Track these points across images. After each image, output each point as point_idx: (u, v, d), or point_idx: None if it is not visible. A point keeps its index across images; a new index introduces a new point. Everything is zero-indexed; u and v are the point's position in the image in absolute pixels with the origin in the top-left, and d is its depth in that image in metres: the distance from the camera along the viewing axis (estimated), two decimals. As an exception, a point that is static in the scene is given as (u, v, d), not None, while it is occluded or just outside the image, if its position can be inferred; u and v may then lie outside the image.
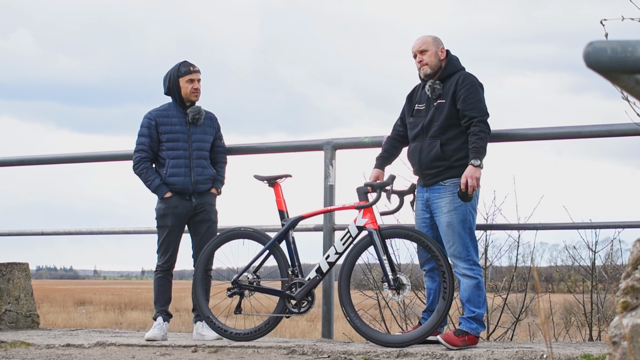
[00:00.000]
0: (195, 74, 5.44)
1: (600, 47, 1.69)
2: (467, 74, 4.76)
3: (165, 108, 5.50)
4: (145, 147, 5.43)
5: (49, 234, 6.88)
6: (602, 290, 7.37)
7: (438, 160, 4.71)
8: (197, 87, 5.44)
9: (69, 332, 6.15)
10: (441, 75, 4.80)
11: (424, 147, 4.78)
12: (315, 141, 5.79)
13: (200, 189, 5.42)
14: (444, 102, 4.72)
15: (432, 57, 4.80)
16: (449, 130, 4.71)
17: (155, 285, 5.47)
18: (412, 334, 4.77)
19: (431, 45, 4.82)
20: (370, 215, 4.82)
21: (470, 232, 4.69)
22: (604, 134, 5.02)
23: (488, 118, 4.68)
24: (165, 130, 5.42)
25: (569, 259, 7.65)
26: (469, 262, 4.65)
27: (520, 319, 7.27)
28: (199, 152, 5.43)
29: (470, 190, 4.54)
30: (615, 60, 1.69)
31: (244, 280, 5.12)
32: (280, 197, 5.18)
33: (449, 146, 4.70)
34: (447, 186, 4.71)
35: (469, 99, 4.65)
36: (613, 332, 2.04)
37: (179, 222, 5.40)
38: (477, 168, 4.55)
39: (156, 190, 5.39)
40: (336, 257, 4.93)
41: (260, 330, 5.04)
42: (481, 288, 4.66)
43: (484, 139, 4.61)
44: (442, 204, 4.70)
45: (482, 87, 4.76)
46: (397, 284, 4.73)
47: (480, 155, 4.57)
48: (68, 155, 6.91)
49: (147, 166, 5.43)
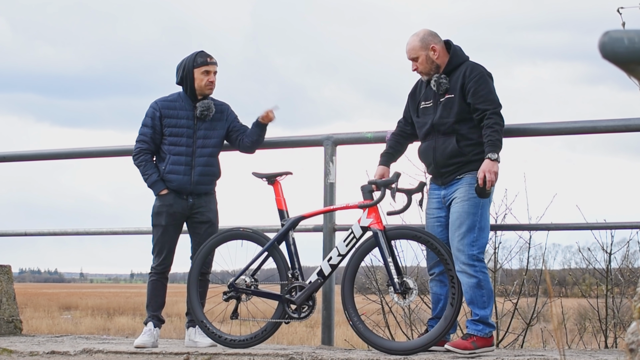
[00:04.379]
0: (212, 66, 5.39)
1: (617, 37, 1.69)
2: (474, 65, 4.76)
3: (173, 99, 5.45)
4: (146, 139, 5.40)
5: (32, 234, 6.88)
6: (618, 294, 7.38)
7: (455, 157, 4.70)
8: (212, 80, 5.39)
9: (53, 338, 6.15)
10: (446, 68, 4.79)
11: (437, 145, 4.76)
12: (314, 136, 5.79)
13: (200, 189, 5.37)
14: (453, 97, 4.72)
15: (424, 63, 4.80)
16: (462, 124, 4.71)
17: (149, 289, 5.46)
18: (418, 341, 4.77)
19: (420, 50, 4.80)
20: (375, 215, 4.81)
21: (479, 225, 4.65)
22: (621, 129, 5.03)
23: (501, 109, 4.68)
24: (169, 124, 5.38)
25: (583, 261, 7.66)
26: (470, 257, 4.61)
27: (532, 324, 7.28)
28: (203, 150, 5.37)
29: (489, 185, 4.54)
30: (632, 51, 1.69)
31: (241, 283, 5.13)
32: (280, 195, 5.17)
33: (466, 141, 4.70)
34: (464, 177, 4.71)
35: (479, 91, 4.65)
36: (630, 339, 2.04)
37: (174, 221, 5.38)
38: (494, 162, 4.55)
39: (152, 186, 5.37)
40: (339, 260, 4.93)
41: (257, 337, 5.04)
42: (483, 287, 4.61)
43: (499, 132, 4.61)
44: (456, 194, 4.70)
45: (492, 77, 4.76)
46: (403, 287, 4.72)
47: (496, 149, 4.57)
48: (50, 152, 6.90)
49: (147, 159, 5.40)
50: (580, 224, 5.56)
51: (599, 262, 7.25)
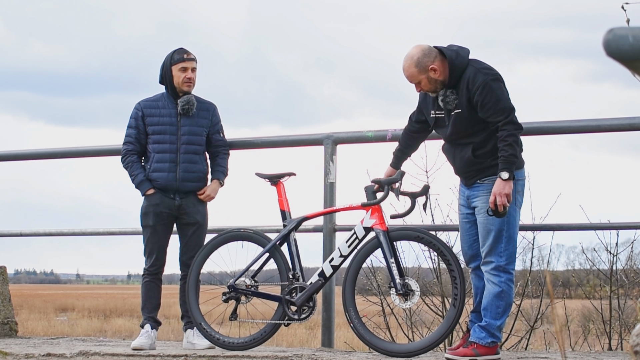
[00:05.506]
0: (189, 62, 5.39)
1: (622, 34, 1.69)
2: (475, 72, 4.51)
3: (156, 98, 5.50)
4: (131, 139, 5.44)
5: (28, 234, 6.88)
6: (623, 295, 7.38)
7: (472, 165, 4.60)
8: (190, 77, 5.39)
9: (49, 340, 6.16)
10: (449, 84, 4.57)
11: (456, 151, 4.66)
12: (314, 135, 5.79)
13: (187, 187, 5.38)
14: (461, 113, 4.54)
15: (428, 85, 4.60)
16: (476, 135, 4.56)
17: (143, 290, 5.47)
18: (420, 343, 4.78)
19: (419, 75, 4.57)
20: (378, 216, 4.79)
21: (507, 234, 4.54)
22: (625, 128, 5.02)
23: (514, 114, 4.49)
24: (152, 122, 5.42)
25: (587, 262, 7.66)
26: (495, 267, 4.54)
27: (536, 326, 7.27)
28: (188, 147, 5.39)
29: (501, 208, 4.42)
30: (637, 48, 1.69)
31: (241, 284, 5.13)
32: (283, 196, 5.17)
33: (482, 149, 4.56)
34: (484, 184, 4.58)
35: (486, 103, 4.46)
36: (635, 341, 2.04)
37: (162, 221, 5.39)
38: (507, 182, 4.41)
39: (139, 186, 5.40)
40: (341, 261, 4.92)
41: (256, 340, 5.04)
42: (503, 299, 4.53)
43: (513, 145, 4.43)
44: (478, 203, 4.61)
45: (498, 78, 4.54)
46: (406, 289, 4.71)
47: (509, 166, 4.42)
48: (45, 151, 6.90)
49: (133, 160, 5.43)
50: (584, 224, 5.56)
51: (603, 262, 7.25)
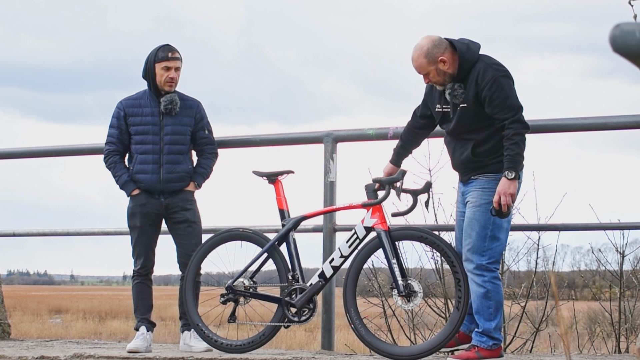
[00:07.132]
0: (173, 62, 5.31)
1: (629, 30, 1.70)
2: (485, 67, 4.53)
3: (138, 96, 5.44)
4: (113, 140, 5.41)
5: (21, 234, 6.89)
6: (631, 297, 7.39)
7: (469, 163, 4.63)
8: (172, 77, 5.31)
9: (43, 343, 6.16)
10: (457, 77, 4.59)
11: (457, 147, 4.69)
12: (314, 133, 5.79)
13: (172, 187, 5.34)
14: (467, 107, 4.56)
15: (436, 77, 4.61)
16: (480, 131, 4.58)
17: (134, 293, 5.48)
18: (422, 346, 4.79)
19: (428, 66, 4.58)
20: (379, 215, 4.79)
21: (491, 234, 4.58)
22: (632, 125, 5.02)
23: (521, 112, 4.50)
24: (134, 122, 5.37)
25: (594, 262, 7.66)
26: (477, 267, 4.56)
27: (541, 329, 7.28)
28: (171, 147, 5.33)
29: (505, 208, 4.45)
30: (645, 45, 1.69)
31: (239, 285, 5.13)
32: (281, 195, 5.17)
33: (483, 147, 4.59)
34: (478, 179, 4.62)
35: (493, 100, 4.48)
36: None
37: (149, 222, 5.37)
38: (512, 181, 4.44)
39: (123, 186, 5.38)
40: (341, 261, 4.92)
41: (254, 342, 5.05)
42: (491, 298, 4.55)
43: (519, 144, 4.46)
44: (469, 197, 4.64)
45: (507, 75, 4.55)
46: (408, 290, 4.71)
47: (515, 165, 4.44)
48: (38, 149, 6.88)
49: (116, 160, 5.41)
50: (591, 224, 5.53)
51: (610, 263, 7.25)
